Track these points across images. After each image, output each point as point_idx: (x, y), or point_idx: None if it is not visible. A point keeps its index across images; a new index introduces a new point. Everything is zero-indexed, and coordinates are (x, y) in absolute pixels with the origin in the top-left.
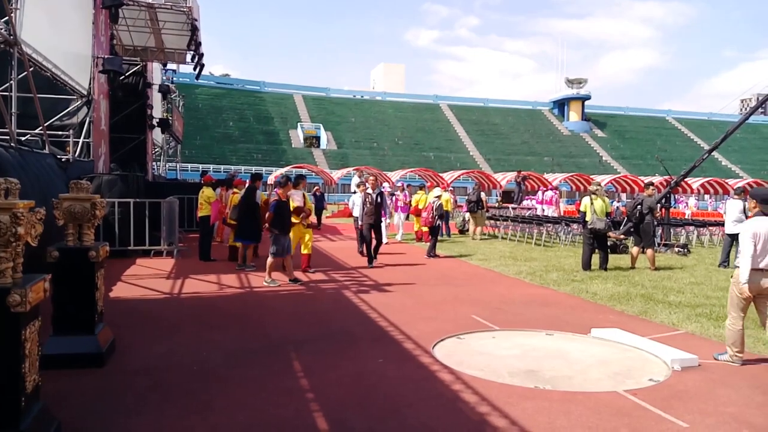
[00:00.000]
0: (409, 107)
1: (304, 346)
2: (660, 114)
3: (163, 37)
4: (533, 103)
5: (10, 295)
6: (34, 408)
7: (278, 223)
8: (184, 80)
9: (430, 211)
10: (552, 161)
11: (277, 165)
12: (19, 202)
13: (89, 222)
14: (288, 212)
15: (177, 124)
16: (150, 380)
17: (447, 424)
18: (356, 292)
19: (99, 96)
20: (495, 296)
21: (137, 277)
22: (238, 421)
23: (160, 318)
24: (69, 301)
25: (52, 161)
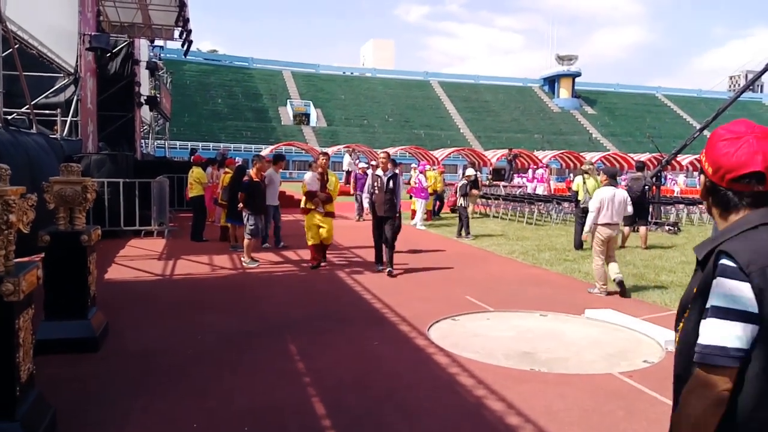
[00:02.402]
0: (399, 84)
1: (299, 327)
2: (650, 91)
3: (150, 12)
4: (523, 80)
5: (2, 284)
6: (30, 396)
7: (250, 203)
8: (171, 56)
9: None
10: (542, 138)
11: (267, 142)
12: (10, 189)
13: (80, 205)
14: (260, 192)
15: (165, 101)
16: (145, 364)
17: (444, 408)
18: (349, 273)
19: (86, 74)
20: (488, 276)
21: (129, 258)
22: (235, 405)
23: (154, 300)
24: (61, 285)
25: (43, 140)
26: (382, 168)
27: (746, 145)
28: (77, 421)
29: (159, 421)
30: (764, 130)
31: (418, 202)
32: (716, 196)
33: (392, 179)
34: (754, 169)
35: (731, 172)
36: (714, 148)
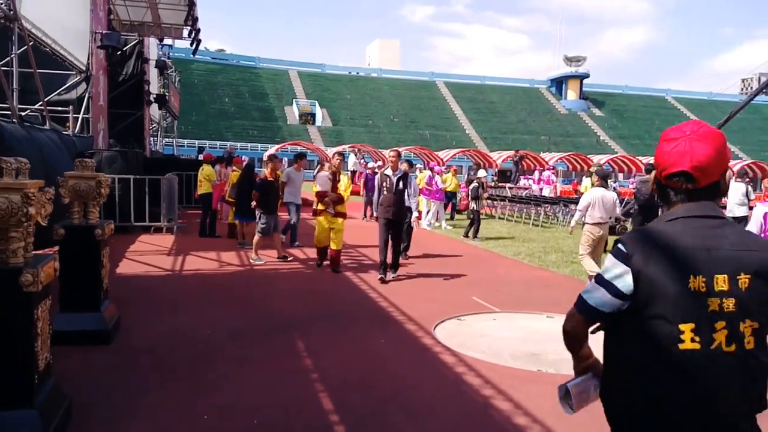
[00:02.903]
0: (404, 84)
1: (306, 325)
2: (659, 93)
3: (159, 11)
4: (530, 81)
5: (22, 275)
6: (47, 385)
7: (263, 202)
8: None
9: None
10: (548, 140)
11: (273, 142)
12: (29, 182)
13: (94, 200)
14: (274, 192)
15: (173, 99)
16: (155, 358)
17: (451, 407)
18: (356, 272)
19: (98, 72)
20: (494, 277)
21: (139, 253)
22: (243, 401)
23: (163, 295)
24: (75, 278)
25: (55, 136)
26: (391, 167)
27: (679, 146)
28: (90, 411)
29: (169, 414)
30: (705, 133)
31: (435, 203)
32: (660, 191)
33: (402, 179)
34: (681, 168)
35: (665, 170)
36: (657, 147)
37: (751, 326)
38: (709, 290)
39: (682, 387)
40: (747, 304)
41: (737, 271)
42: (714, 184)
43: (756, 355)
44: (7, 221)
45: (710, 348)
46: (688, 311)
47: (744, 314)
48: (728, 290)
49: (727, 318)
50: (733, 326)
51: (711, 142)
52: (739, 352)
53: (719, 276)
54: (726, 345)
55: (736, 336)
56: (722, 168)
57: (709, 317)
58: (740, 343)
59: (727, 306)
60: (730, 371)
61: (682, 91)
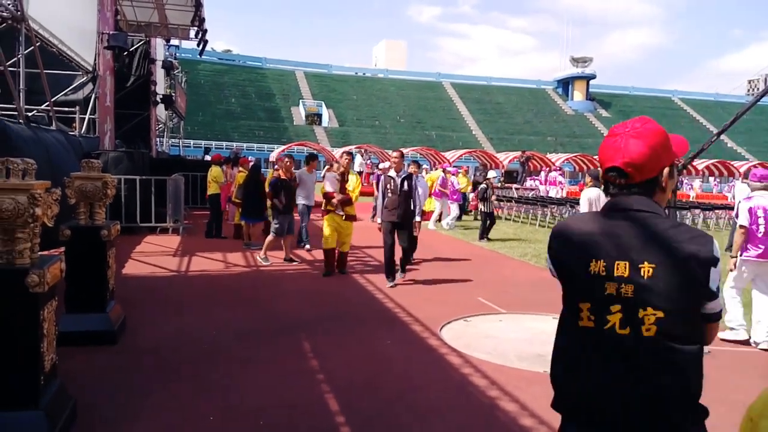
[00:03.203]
0: (411, 85)
1: (312, 326)
2: (665, 94)
3: (166, 12)
4: (537, 81)
5: (28, 276)
6: (53, 386)
7: (277, 202)
8: (186, 56)
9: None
10: (555, 141)
11: (279, 142)
12: (36, 183)
13: (101, 201)
14: (288, 191)
15: (180, 100)
16: (161, 359)
17: (457, 408)
18: (362, 273)
19: (105, 72)
20: (500, 278)
21: (145, 254)
22: (249, 402)
23: (169, 296)
24: (81, 279)
25: (62, 137)
26: (395, 168)
27: (615, 143)
28: (96, 412)
29: (174, 414)
30: (643, 131)
31: (453, 205)
32: (603, 184)
33: (406, 181)
34: (613, 164)
35: (602, 165)
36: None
37: (654, 315)
38: (608, 274)
39: (582, 359)
40: (648, 292)
41: (641, 259)
42: (650, 181)
43: (655, 343)
44: (14, 222)
45: (603, 328)
46: (587, 292)
47: (644, 302)
48: (627, 277)
49: (623, 302)
50: (629, 311)
51: (647, 139)
52: (633, 336)
53: (620, 262)
54: (620, 328)
55: (631, 321)
56: (659, 165)
57: (605, 299)
58: (636, 329)
59: (625, 291)
60: (621, 353)
61: (688, 92)
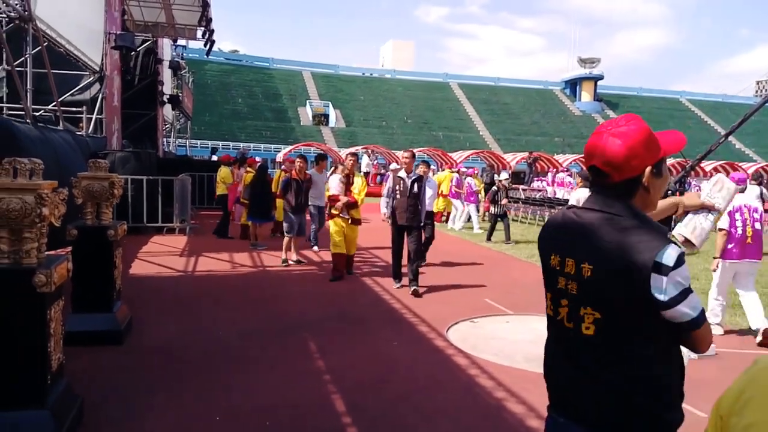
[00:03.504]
0: (418, 85)
1: (318, 326)
2: (673, 95)
3: (173, 12)
4: (544, 82)
5: (35, 276)
6: (59, 386)
7: (289, 201)
8: (193, 56)
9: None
10: (562, 142)
11: (286, 143)
12: (43, 183)
13: (107, 201)
14: (299, 190)
15: (187, 100)
16: (168, 359)
17: (464, 409)
18: (368, 274)
19: (112, 72)
20: (507, 280)
21: (152, 254)
22: (255, 402)
23: (176, 296)
24: (88, 279)
25: (69, 137)
26: (405, 169)
27: (597, 141)
28: (102, 411)
29: (182, 414)
30: (626, 131)
31: (472, 207)
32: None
33: (416, 182)
34: (592, 163)
35: (585, 164)
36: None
37: (593, 315)
38: (560, 269)
39: (547, 344)
40: (587, 292)
41: (583, 259)
42: (631, 180)
43: (594, 341)
44: (21, 222)
45: (557, 318)
46: (548, 283)
47: (584, 301)
48: (573, 274)
49: (569, 298)
50: (572, 307)
51: (626, 139)
52: (576, 331)
53: (569, 259)
54: (567, 321)
55: (574, 316)
56: (639, 164)
57: (558, 292)
58: (577, 325)
59: (570, 288)
60: (567, 344)
61: (696, 93)
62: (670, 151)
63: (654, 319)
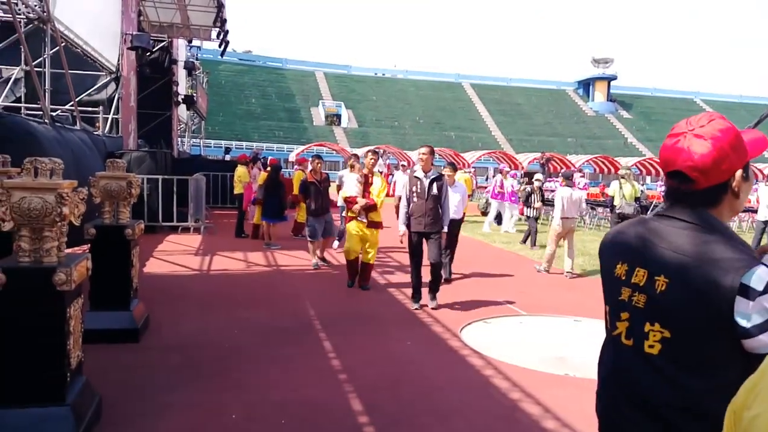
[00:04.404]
0: (430, 85)
1: (332, 326)
2: (688, 95)
3: (189, 13)
4: (557, 82)
5: (55, 274)
6: (78, 383)
7: (308, 204)
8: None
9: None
10: (575, 142)
11: (299, 143)
12: (63, 182)
13: (125, 200)
14: (317, 193)
15: (201, 100)
16: (184, 357)
17: (479, 410)
18: (382, 273)
19: (128, 73)
20: (520, 280)
21: (167, 253)
22: (271, 400)
23: (191, 295)
24: (106, 277)
25: (86, 136)
26: (422, 167)
27: (678, 144)
28: (120, 409)
29: (198, 412)
30: (710, 130)
31: (515, 209)
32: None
33: (436, 182)
34: (675, 168)
35: (663, 170)
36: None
37: (660, 333)
38: (626, 279)
39: (601, 357)
40: (659, 307)
41: (659, 271)
42: (719, 186)
43: (656, 362)
44: (42, 221)
45: (612, 334)
46: (609, 294)
47: (652, 316)
48: (642, 285)
49: (632, 311)
50: (635, 321)
51: (714, 139)
52: (635, 349)
53: (640, 269)
54: (625, 337)
55: (635, 332)
56: (729, 168)
57: (618, 304)
58: (639, 342)
59: (636, 300)
60: (625, 363)
61: (711, 93)
62: (755, 153)
63: (728, 348)
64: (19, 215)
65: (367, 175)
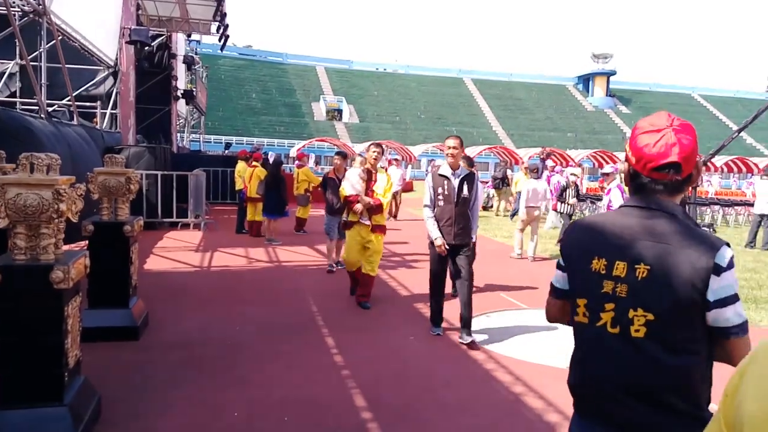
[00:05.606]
0: (432, 81)
1: (334, 321)
2: (686, 90)
3: (188, 7)
4: (557, 78)
5: (53, 272)
6: (77, 382)
7: (326, 201)
8: (206, 51)
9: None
10: (575, 137)
11: (300, 138)
12: (60, 178)
13: (124, 196)
14: (335, 190)
15: (200, 95)
16: (185, 354)
17: (483, 404)
18: (383, 268)
19: (127, 67)
20: (521, 274)
21: (167, 249)
22: (275, 396)
23: (192, 291)
24: (104, 274)
25: (83, 131)
26: (450, 165)
27: (665, 137)
28: (120, 407)
29: (199, 410)
30: (683, 123)
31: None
32: (636, 183)
33: (466, 182)
34: (670, 160)
35: (652, 162)
36: (636, 140)
37: (644, 316)
38: (607, 273)
39: (579, 352)
40: (641, 293)
41: (638, 260)
42: (687, 178)
43: (643, 345)
44: (38, 218)
45: (596, 325)
46: (585, 288)
47: (635, 302)
48: (624, 277)
49: (616, 301)
50: (620, 311)
51: (691, 133)
52: (622, 336)
53: (620, 262)
54: (610, 326)
55: (621, 320)
56: (696, 160)
57: (600, 297)
58: (625, 328)
59: (619, 291)
60: (611, 351)
61: (708, 89)
62: None
63: (703, 325)
64: (14, 212)
65: (370, 170)
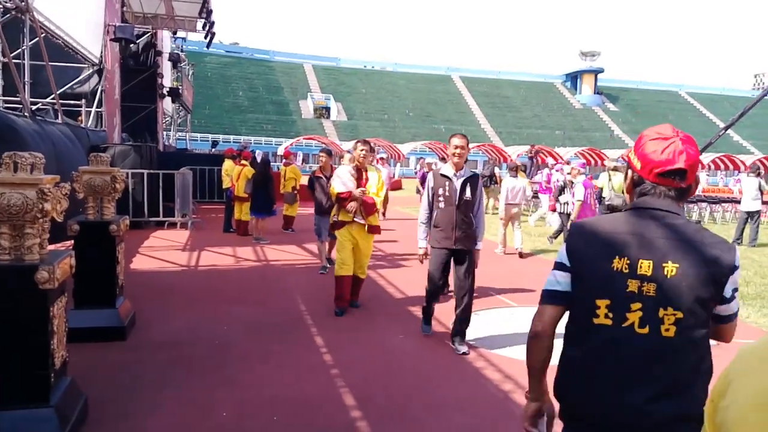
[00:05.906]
0: (420, 78)
1: (324, 321)
2: (673, 88)
3: (173, 3)
4: (545, 75)
5: (38, 272)
6: (63, 383)
7: (315, 200)
8: (192, 48)
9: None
10: (563, 135)
11: (287, 136)
12: (45, 178)
13: (109, 195)
14: (322, 189)
15: (187, 93)
16: (173, 354)
17: (472, 401)
18: (372, 267)
19: (112, 65)
20: (511, 272)
21: (153, 249)
22: (264, 396)
23: (179, 291)
24: (90, 274)
25: (68, 130)
26: (454, 165)
27: (673, 145)
28: (109, 408)
29: (188, 410)
30: (688, 136)
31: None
32: (640, 188)
33: (469, 183)
34: (679, 166)
35: (659, 167)
36: (644, 146)
37: (674, 315)
38: (631, 272)
39: (595, 356)
40: (670, 292)
41: (664, 258)
42: (690, 186)
43: (673, 344)
44: (23, 217)
45: (621, 326)
46: (606, 289)
47: (665, 301)
48: (650, 275)
49: (644, 301)
50: (649, 310)
51: (695, 144)
52: (652, 335)
53: (644, 261)
54: (639, 326)
55: (651, 320)
56: (697, 173)
57: (626, 297)
58: (655, 328)
59: (646, 290)
60: (639, 351)
61: (695, 86)
62: None
63: (710, 316)
64: None
65: (359, 168)
